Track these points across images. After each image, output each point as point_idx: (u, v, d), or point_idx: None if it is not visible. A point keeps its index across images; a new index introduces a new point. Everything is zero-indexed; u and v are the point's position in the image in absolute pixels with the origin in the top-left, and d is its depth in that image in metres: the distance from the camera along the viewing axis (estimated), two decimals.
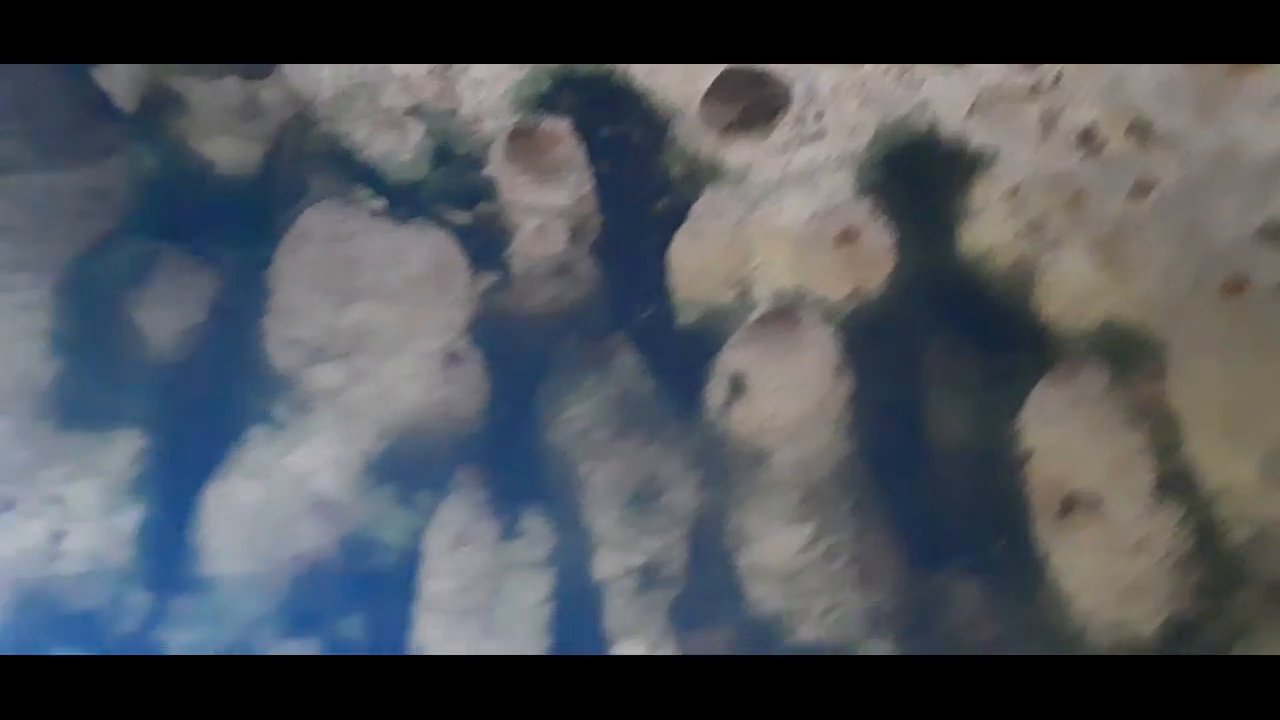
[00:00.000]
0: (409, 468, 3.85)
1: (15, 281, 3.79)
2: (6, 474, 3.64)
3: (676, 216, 4.17)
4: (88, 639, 3.55)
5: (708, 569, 3.80)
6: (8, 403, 3.70)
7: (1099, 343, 3.90)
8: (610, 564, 3.73)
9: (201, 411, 3.88)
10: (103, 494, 3.69)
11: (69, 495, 3.67)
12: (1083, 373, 3.86)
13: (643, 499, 3.83)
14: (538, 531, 3.77)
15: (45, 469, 3.67)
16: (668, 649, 3.59)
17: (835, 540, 3.84)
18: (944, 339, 4.13)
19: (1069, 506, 3.80)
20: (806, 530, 3.83)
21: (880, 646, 3.69)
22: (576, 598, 3.71)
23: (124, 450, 3.75)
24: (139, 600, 3.66)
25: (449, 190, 4.15)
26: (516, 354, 4.08)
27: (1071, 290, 3.96)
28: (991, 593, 3.80)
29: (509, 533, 3.75)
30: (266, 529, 3.74)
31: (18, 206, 3.86)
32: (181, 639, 3.62)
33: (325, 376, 3.86)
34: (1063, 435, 3.85)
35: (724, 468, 3.94)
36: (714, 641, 3.66)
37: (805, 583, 3.79)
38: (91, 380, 3.80)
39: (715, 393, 3.99)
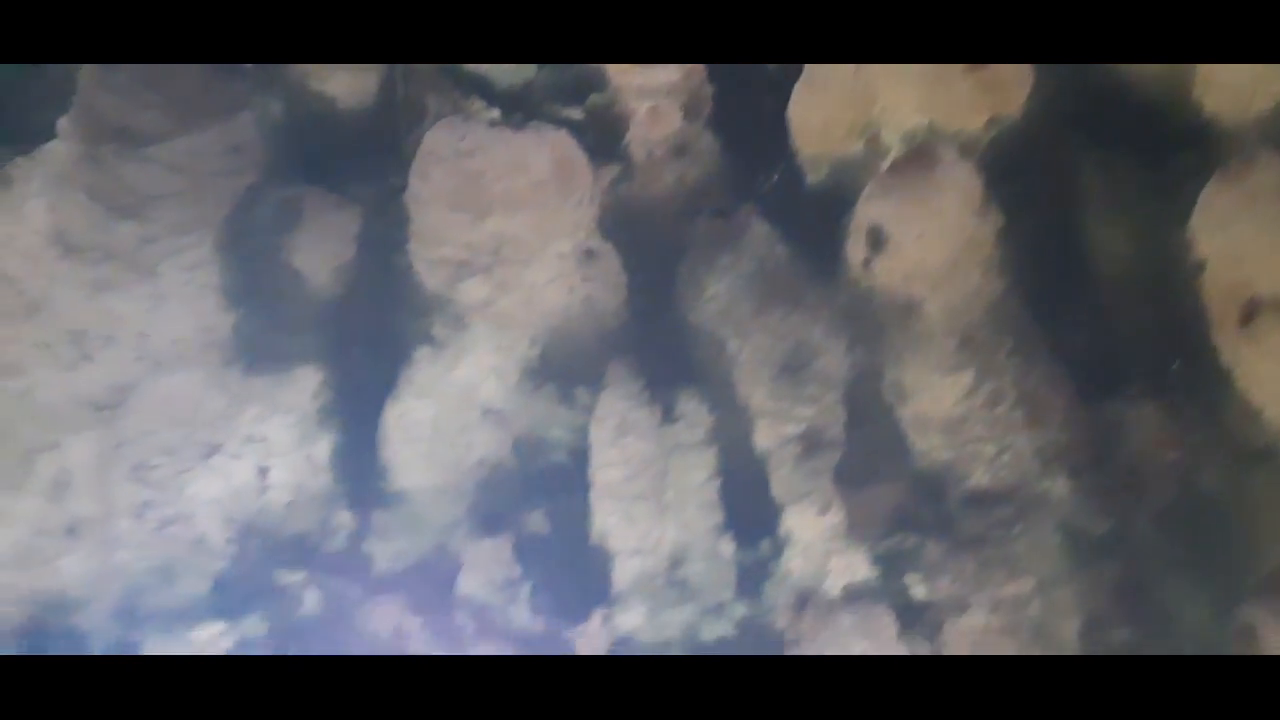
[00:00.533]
0: (564, 367, 3.97)
1: (181, 244, 4.06)
2: (208, 421, 3.96)
3: (791, 71, 4.03)
4: (304, 560, 3.87)
5: (868, 428, 3.78)
6: (198, 355, 4.01)
7: (1271, 131, 3.62)
8: (770, 435, 3.77)
9: (368, 340, 4.10)
10: (295, 428, 3.97)
11: (266, 433, 3.96)
12: (1256, 167, 3.58)
13: (794, 368, 3.82)
14: (695, 413, 3.83)
15: (241, 412, 3.97)
16: (837, 510, 3.63)
17: (998, 383, 3.74)
18: (1096, 155, 3.90)
19: (1251, 313, 3.57)
20: (966, 377, 3.75)
21: (1057, 485, 3.62)
22: (741, 471, 3.78)
23: (306, 386, 4.00)
24: (344, 519, 3.94)
25: (558, 87, 4.14)
26: (649, 242, 4.10)
27: (1234, 77, 3.65)
28: (1172, 415, 3.65)
29: (668, 417, 3.83)
30: (444, 441, 3.95)
31: (168, 173, 4.10)
32: (387, 549, 3.91)
33: (473, 291, 3.98)
34: (1239, 238, 3.60)
35: (873, 325, 3.87)
36: (883, 497, 3.68)
37: (971, 430, 3.72)
38: (265, 325, 4.06)
39: (855, 250, 3.89)
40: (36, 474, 3.81)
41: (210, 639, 3.73)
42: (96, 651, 3.66)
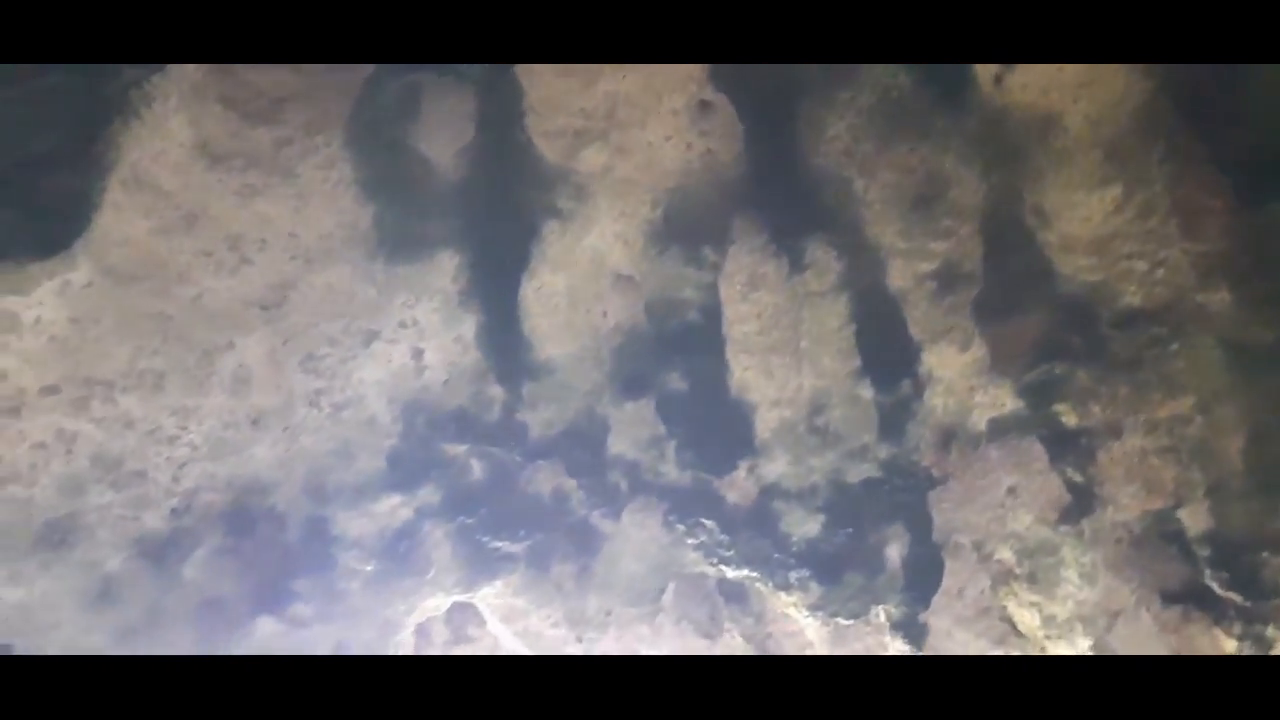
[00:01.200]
0: (688, 227, 3.96)
1: (314, 143, 4.19)
2: (362, 311, 4.17)
3: None
4: (465, 433, 4.12)
5: (1009, 257, 3.64)
6: (343, 251, 4.18)
7: None
8: (904, 274, 3.68)
9: (498, 219, 4.19)
10: (441, 311, 4.15)
11: (416, 317, 4.16)
12: None
13: (926, 201, 3.68)
14: (823, 259, 3.77)
15: (391, 300, 4.16)
16: (978, 346, 3.55)
17: (1149, 194, 3.50)
18: None
19: None
20: (1114, 191, 3.53)
21: (1217, 297, 3.41)
22: (876, 314, 3.72)
23: (446, 270, 4.15)
24: (495, 393, 4.15)
25: None
26: (763, 87, 3.96)
27: None
28: None
29: (796, 266, 3.79)
30: (580, 310, 4.05)
31: (290, 73, 4.19)
32: (539, 418, 4.10)
33: (592, 159, 3.98)
34: None
35: (1009, 147, 3.67)
36: (1026, 328, 3.56)
37: (1121, 247, 3.53)
38: (401, 214, 4.19)
39: (983, 67, 3.65)
40: (218, 373, 4.11)
41: (391, 509, 4.04)
42: (295, 531, 4.04)
